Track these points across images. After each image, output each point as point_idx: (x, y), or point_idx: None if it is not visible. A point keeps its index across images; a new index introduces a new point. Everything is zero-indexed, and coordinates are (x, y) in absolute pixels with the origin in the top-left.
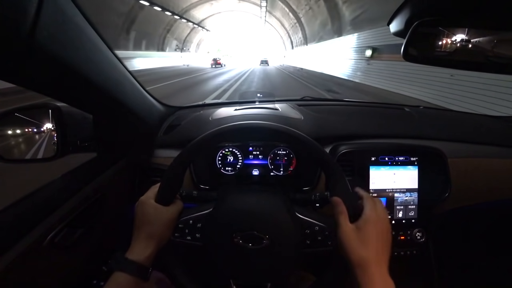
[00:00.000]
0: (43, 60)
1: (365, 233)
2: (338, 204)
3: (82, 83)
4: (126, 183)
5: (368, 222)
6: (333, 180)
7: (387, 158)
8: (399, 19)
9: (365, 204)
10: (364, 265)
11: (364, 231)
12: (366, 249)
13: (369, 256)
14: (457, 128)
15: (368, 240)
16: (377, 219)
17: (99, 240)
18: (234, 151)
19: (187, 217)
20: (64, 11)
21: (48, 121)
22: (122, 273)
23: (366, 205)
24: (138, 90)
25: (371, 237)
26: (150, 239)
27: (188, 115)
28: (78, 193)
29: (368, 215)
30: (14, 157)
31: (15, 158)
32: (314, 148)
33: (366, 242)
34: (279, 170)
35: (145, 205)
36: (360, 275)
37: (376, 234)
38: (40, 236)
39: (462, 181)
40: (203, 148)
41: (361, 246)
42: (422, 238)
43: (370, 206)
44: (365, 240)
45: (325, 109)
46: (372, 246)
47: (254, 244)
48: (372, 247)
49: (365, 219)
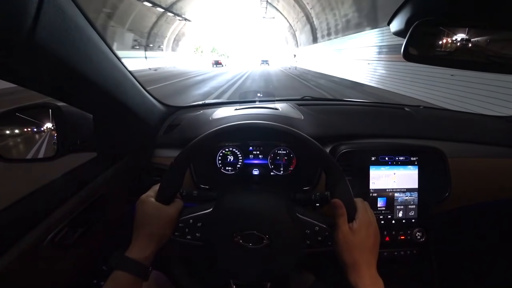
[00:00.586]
0: (43, 60)
1: (359, 236)
2: (339, 206)
3: (82, 83)
4: (126, 183)
5: (362, 225)
6: (333, 180)
7: (387, 158)
8: (400, 19)
9: (357, 207)
10: (357, 266)
11: (359, 234)
12: (360, 251)
13: (362, 258)
14: (457, 128)
15: (362, 242)
16: (369, 223)
17: (99, 240)
18: (234, 151)
19: (187, 216)
20: (64, 11)
21: (48, 121)
22: (122, 272)
23: (358, 208)
24: (138, 90)
25: (364, 240)
26: (150, 238)
27: (188, 115)
28: (78, 193)
29: (362, 218)
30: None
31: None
32: (314, 147)
33: (360, 244)
34: (279, 170)
35: (146, 204)
36: (353, 275)
37: (368, 236)
38: (40, 236)
39: (462, 181)
40: (204, 148)
41: (355, 248)
42: (422, 238)
43: (362, 209)
44: (359, 242)
45: (325, 109)
46: (365, 248)
47: (254, 244)
48: (365, 249)
49: (359, 222)
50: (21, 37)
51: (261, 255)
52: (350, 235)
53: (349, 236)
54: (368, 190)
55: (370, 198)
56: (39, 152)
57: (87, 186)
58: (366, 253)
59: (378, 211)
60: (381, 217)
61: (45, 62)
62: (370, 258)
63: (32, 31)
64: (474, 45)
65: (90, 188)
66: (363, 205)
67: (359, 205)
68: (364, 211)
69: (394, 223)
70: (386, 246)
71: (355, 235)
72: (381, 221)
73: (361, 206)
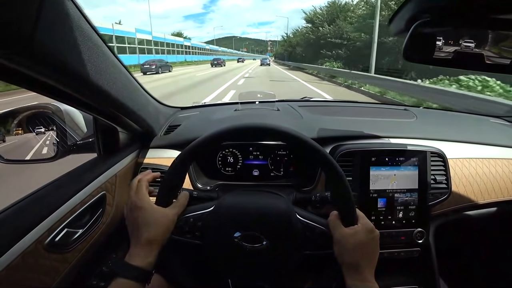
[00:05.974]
0: (44, 60)
1: (360, 238)
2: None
3: (82, 84)
4: (126, 183)
5: (364, 227)
6: (333, 181)
7: (387, 158)
8: (400, 19)
9: (358, 213)
10: (356, 268)
11: (360, 236)
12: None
13: (362, 260)
14: (457, 128)
15: (363, 245)
16: (372, 228)
17: (99, 240)
18: (234, 152)
19: (187, 215)
20: (64, 12)
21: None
22: (125, 280)
23: (360, 213)
24: (138, 90)
25: (365, 243)
26: (152, 244)
27: (188, 115)
28: (78, 193)
29: (364, 222)
30: (14, 157)
31: (15, 158)
32: (314, 148)
33: (360, 246)
34: (279, 171)
35: (143, 209)
36: (351, 277)
37: (370, 240)
38: (40, 236)
39: (462, 181)
40: (204, 148)
41: (356, 250)
42: (422, 238)
43: (363, 215)
44: (360, 245)
45: (325, 109)
46: (365, 252)
47: (253, 244)
48: (365, 253)
49: (361, 225)
50: (22, 38)
51: (260, 256)
52: (351, 236)
53: (349, 237)
54: (368, 190)
55: (370, 199)
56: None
57: (87, 186)
58: (366, 257)
59: (378, 211)
60: (381, 218)
61: (46, 63)
62: (369, 262)
63: (33, 32)
64: (474, 46)
65: (90, 188)
66: (360, 212)
67: (360, 213)
68: (363, 216)
69: (394, 223)
70: (386, 247)
71: (356, 237)
72: (381, 222)
73: (361, 213)
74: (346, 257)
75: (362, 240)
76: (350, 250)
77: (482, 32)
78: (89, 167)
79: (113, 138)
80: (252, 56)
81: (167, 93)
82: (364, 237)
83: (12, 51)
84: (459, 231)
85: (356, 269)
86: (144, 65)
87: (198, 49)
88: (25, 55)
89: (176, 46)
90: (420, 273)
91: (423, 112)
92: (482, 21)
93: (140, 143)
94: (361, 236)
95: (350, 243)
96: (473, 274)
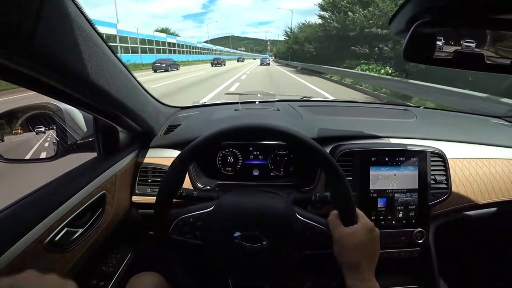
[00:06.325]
0: (44, 60)
1: (360, 237)
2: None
3: (82, 83)
4: (126, 182)
5: (364, 227)
6: (333, 181)
7: (387, 158)
8: (400, 19)
9: (358, 212)
10: (356, 267)
11: (360, 236)
12: (361, 253)
13: (362, 260)
14: (457, 128)
15: (363, 245)
16: (372, 228)
17: (99, 239)
18: (234, 151)
19: (187, 215)
20: (65, 11)
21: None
22: None
23: (360, 213)
24: (138, 90)
25: (366, 242)
26: None
27: (188, 115)
28: (78, 193)
29: (365, 222)
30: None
31: (15, 157)
32: (314, 148)
33: (361, 246)
34: (279, 170)
35: None
36: (351, 277)
37: (370, 240)
38: (40, 236)
39: (462, 181)
40: (204, 148)
41: (356, 250)
42: (422, 238)
43: (363, 215)
44: (360, 244)
45: (325, 109)
46: (365, 251)
47: (253, 244)
48: (365, 252)
49: (361, 224)
50: (22, 37)
51: (260, 256)
52: (351, 235)
53: (349, 236)
54: (368, 190)
55: (370, 199)
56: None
57: (87, 186)
58: (366, 256)
59: (378, 211)
60: (381, 218)
61: (46, 63)
62: (369, 262)
63: (33, 32)
64: (474, 46)
65: (90, 187)
66: (361, 212)
67: (360, 212)
68: (363, 215)
69: (394, 223)
70: (386, 247)
71: (356, 236)
72: (381, 222)
73: (360, 213)
74: (346, 256)
75: (362, 240)
76: (350, 249)
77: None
78: (89, 167)
79: (113, 137)
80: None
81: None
82: (364, 236)
83: (12, 51)
84: (459, 231)
85: (356, 268)
86: (155, 63)
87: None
88: (25, 55)
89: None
90: (420, 273)
91: (423, 112)
92: (482, 21)
93: (140, 143)
94: (361, 236)
95: (350, 242)
96: (473, 274)
